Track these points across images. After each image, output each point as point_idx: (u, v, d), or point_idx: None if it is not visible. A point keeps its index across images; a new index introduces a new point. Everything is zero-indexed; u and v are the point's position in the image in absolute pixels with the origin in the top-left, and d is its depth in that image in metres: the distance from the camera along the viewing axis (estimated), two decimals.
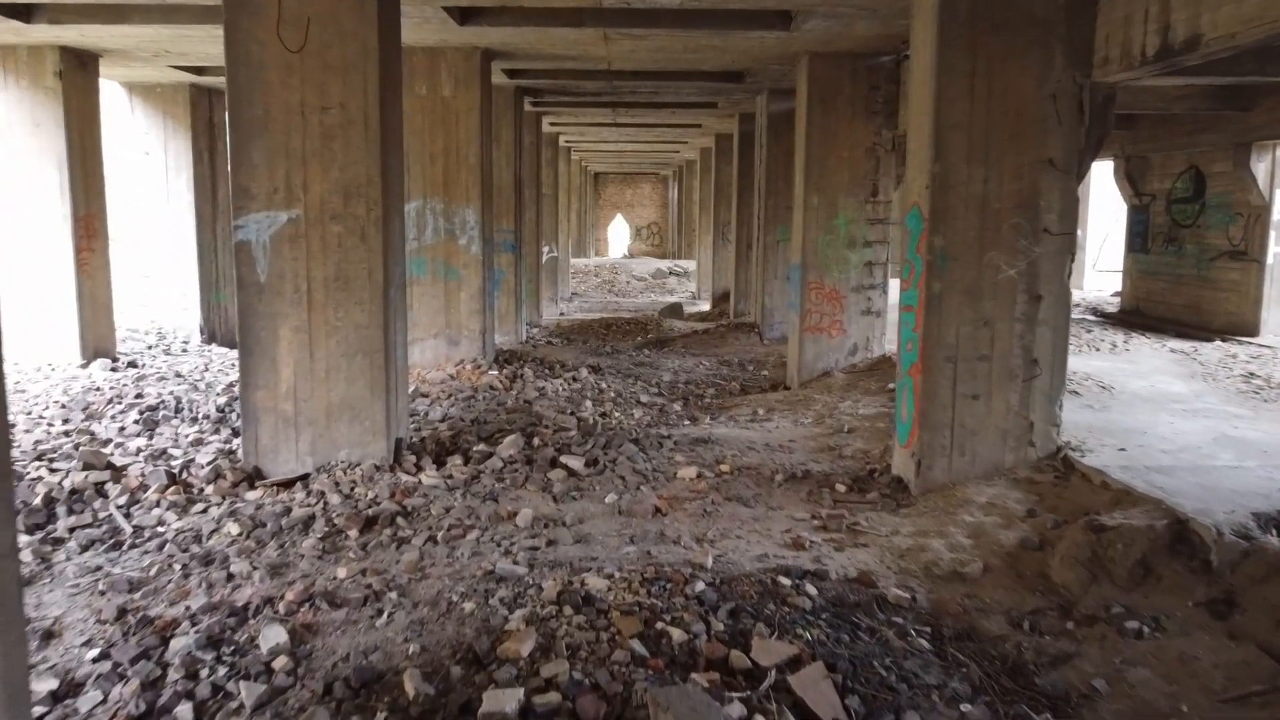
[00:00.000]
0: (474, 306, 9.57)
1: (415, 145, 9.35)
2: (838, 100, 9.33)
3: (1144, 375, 8.67)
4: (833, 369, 9.60)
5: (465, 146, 9.36)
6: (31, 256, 9.49)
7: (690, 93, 12.64)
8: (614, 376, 10.20)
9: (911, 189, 5.88)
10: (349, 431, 5.69)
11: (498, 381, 9.06)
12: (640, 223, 40.82)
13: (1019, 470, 5.71)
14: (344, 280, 5.57)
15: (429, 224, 9.45)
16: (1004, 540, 4.86)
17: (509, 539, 4.80)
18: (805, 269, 9.51)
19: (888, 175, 9.46)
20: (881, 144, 9.38)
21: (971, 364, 5.66)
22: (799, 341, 9.61)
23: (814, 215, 9.44)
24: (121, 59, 10.08)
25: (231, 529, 4.72)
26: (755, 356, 11.67)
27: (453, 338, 9.62)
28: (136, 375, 9.22)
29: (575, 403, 8.51)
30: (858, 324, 9.63)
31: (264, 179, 5.47)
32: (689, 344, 12.60)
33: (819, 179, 9.39)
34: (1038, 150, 5.52)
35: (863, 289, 9.59)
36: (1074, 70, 5.46)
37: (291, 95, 5.43)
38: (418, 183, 9.40)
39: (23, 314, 9.50)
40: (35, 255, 9.49)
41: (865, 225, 9.49)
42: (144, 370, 9.62)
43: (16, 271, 9.48)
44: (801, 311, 9.56)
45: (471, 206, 9.44)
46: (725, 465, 6.17)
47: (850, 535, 5.10)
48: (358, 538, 4.72)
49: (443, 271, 9.51)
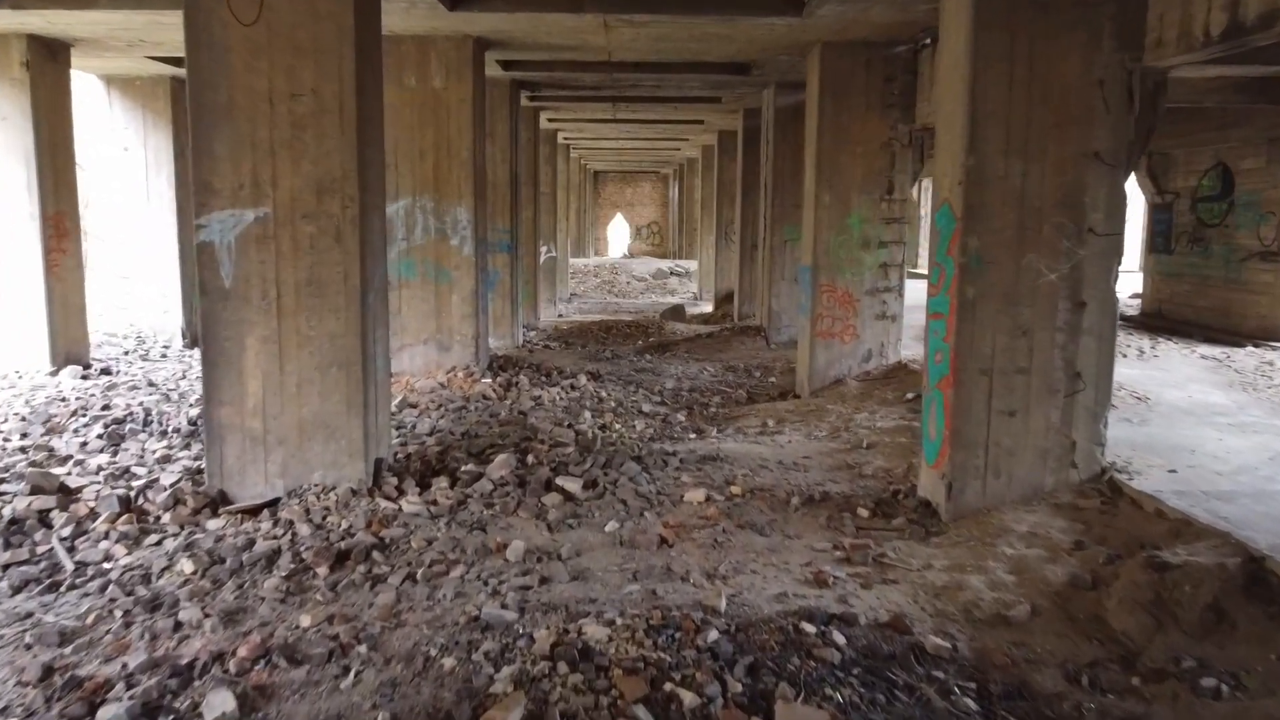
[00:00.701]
0: (466, 310, 9.05)
1: (404, 140, 8.84)
2: (851, 92, 8.81)
3: (1178, 384, 8.15)
4: (845, 376, 9.08)
5: (457, 141, 8.84)
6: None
7: (693, 86, 12.12)
8: (614, 384, 9.68)
9: (941, 185, 5.36)
10: (323, 452, 5.16)
11: (491, 390, 8.54)
12: (640, 222, 40.31)
13: (1060, 494, 5.19)
14: (317, 285, 5.05)
15: (418, 223, 8.93)
16: (1051, 577, 4.34)
17: (498, 576, 4.28)
18: (816, 271, 8.99)
19: (904, 172, 8.94)
20: (897, 138, 8.86)
21: (1008, 377, 5.14)
22: (809, 347, 9.09)
23: (826, 214, 8.92)
24: (94, 49, 9.56)
25: (185, 566, 4.20)
26: (762, 362, 11.15)
27: (444, 343, 9.09)
28: (108, 384, 8.70)
29: (573, 413, 7.99)
30: (872, 329, 9.11)
31: (228, 173, 4.94)
32: (692, 348, 12.09)
33: (831, 176, 8.87)
34: (1082, 142, 5.00)
35: (877, 292, 9.07)
36: (1123, 53, 4.94)
37: (258, 80, 4.91)
38: (407, 180, 8.88)
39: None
40: (1, 257, 8.97)
41: (880, 225, 8.97)
42: (117, 378, 9.10)
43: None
44: (812, 315, 9.04)
45: (464, 205, 8.92)
46: (736, 487, 5.65)
47: (877, 569, 4.59)
48: (327, 576, 4.20)
49: (433, 273, 8.99)
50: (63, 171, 9.33)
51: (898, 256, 9.08)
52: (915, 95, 8.79)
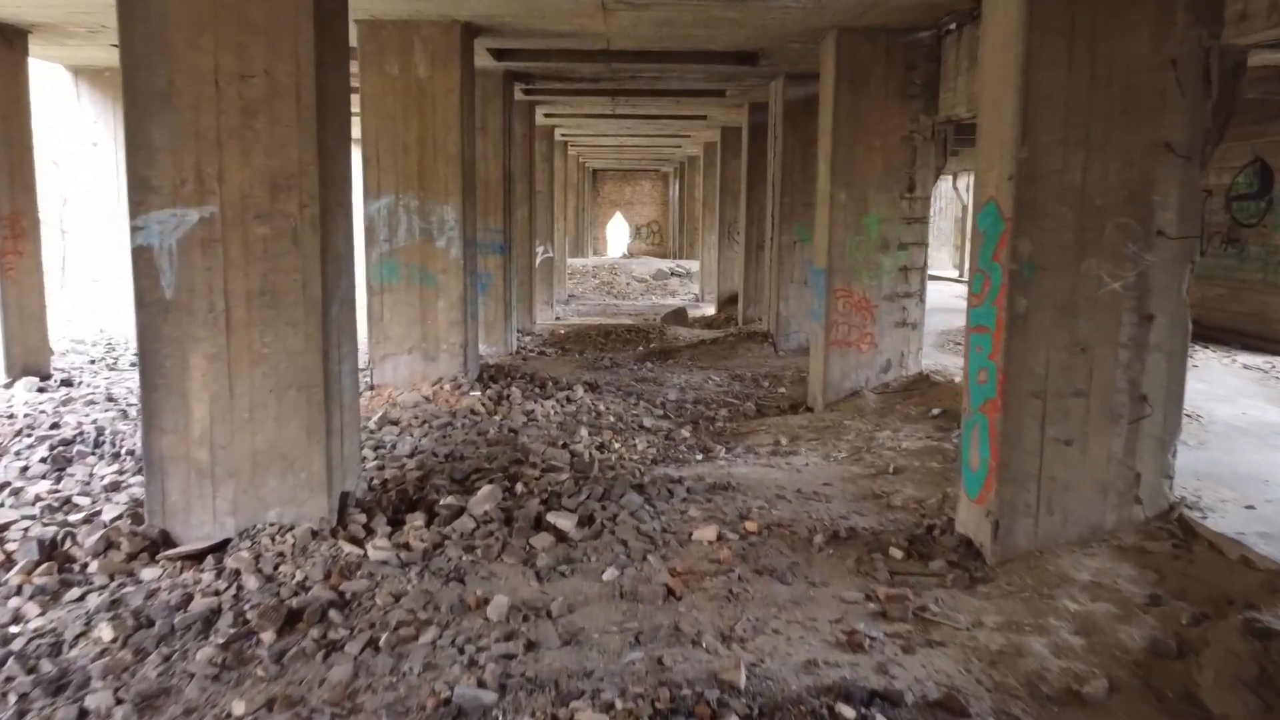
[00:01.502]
0: (454, 317, 8.39)
1: (386, 133, 8.17)
2: (869, 82, 8.15)
3: (1226, 398, 7.50)
4: (862, 388, 8.43)
5: (443, 134, 8.18)
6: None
7: (697, 78, 11.45)
8: (613, 395, 9.03)
9: (986, 180, 4.71)
10: (280, 486, 4.51)
11: (480, 404, 7.88)
12: (640, 221, 39.67)
13: (1123, 535, 4.54)
14: (272, 295, 4.39)
15: (402, 223, 8.27)
16: (1127, 641, 3.69)
17: (476, 641, 3.63)
18: (831, 274, 8.33)
19: (926, 167, 8.28)
20: (919, 131, 8.20)
21: (1064, 400, 4.49)
22: (824, 356, 8.43)
23: (841, 213, 8.26)
24: (54, 35, 8.90)
25: (104, 632, 3.54)
26: (770, 370, 10.49)
27: (429, 353, 8.43)
28: (64, 397, 8.04)
29: (569, 430, 7.34)
30: (891, 337, 8.46)
31: (168, 167, 4.29)
32: (696, 355, 11.43)
33: (847, 172, 8.21)
34: (1152, 130, 4.34)
35: (896, 297, 8.41)
36: (1200, 29, 4.29)
37: (202, 59, 4.25)
38: (389, 176, 8.22)
39: None
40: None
41: (900, 225, 8.31)
42: (76, 391, 8.44)
43: None
44: (826, 322, 8.39)
45: (451, 203, 8.26)
46: (751, 522, 4.99)
47: (919, 627, 3.94)
48: (273, 643, 3.54)
49: (418, 277, 8.33)
50: (20, 168, 8.67)
51: (919, 259, 8.42)
52: (938, 85, 8.14)
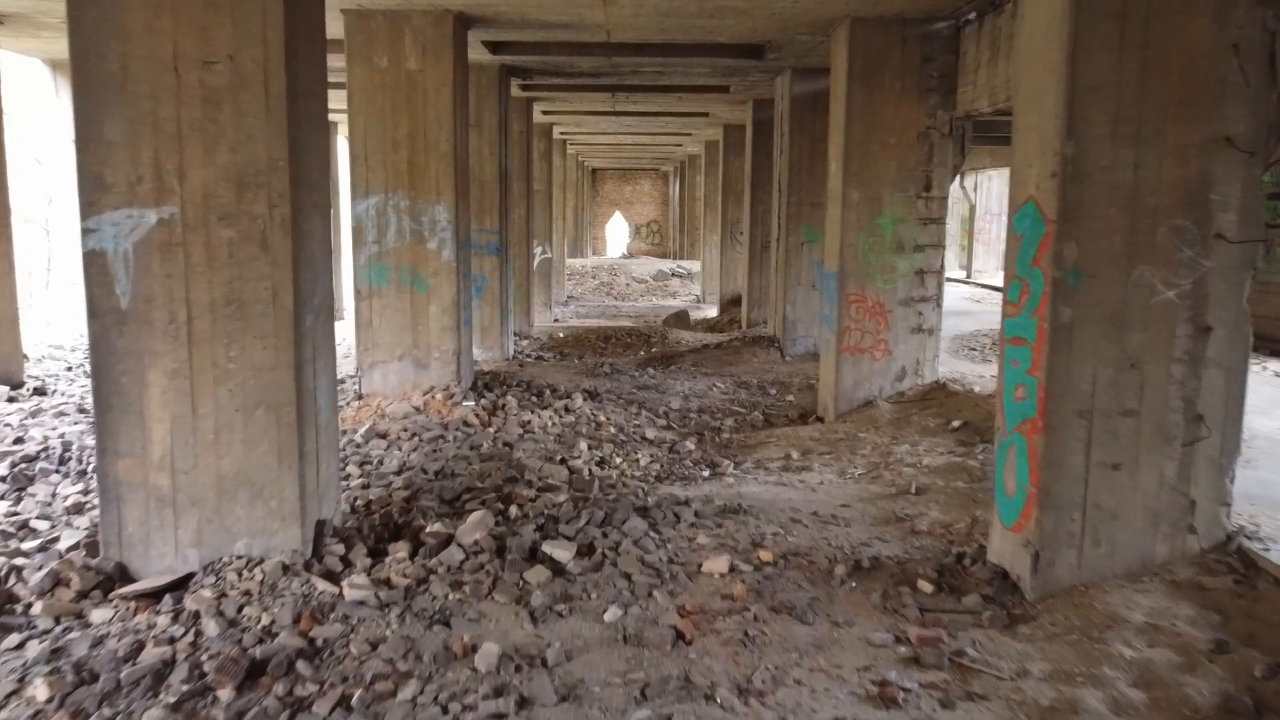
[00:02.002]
0: (446, 322, 7.97)
1: (374, 129, 7.76)
2: (884, 75, 7.74)
3: (1264, 409, 7.09)
4: (876, 397, 8.01)
5: (435, 130, 7.76)
6: None
7: (701, 72, 11.04)
8: (614, 404, 8.61)
9: (1025, 178, 4.29)
10: (248, 515, 4.09)
11: (474, 415, 7.46)
12: (639, 220, 39.27)
13: (1177, 568, 4.13)
14: (239, 305, 3.98)
15: (391, 223, 7.85)
16: (1195, 696, 3.28)
17: (461, 698, 3.22)
18: (843, 278, 7.92)
19: (943, 165, 7.87)
20: (936, 127, 7.79)
21: (1112, 420, 4.08)
22: (835, 364, 8.02)
23: (854, 214, 7.85)
24: (27, 26, 8.48)
25: (40, 691, 3.12)
26: (777, 377, 10.08)
27: (421, 360, 8.02)
28: (34, 408, 7.62)
29: (567, 444, 6.92)
30: (906, 344, 8.05)
31: (123, 163, 3.87)
32: (699, 361, 11.01)
33: (860, 170, 7.80)
34: (1211, 123, 3.93)
35: (912, 302, 8.00)
36: (1265, 9, 3.88)
37: (160, 44, 3.83)
38: (378, 174, 7.80)
39: None
40: None
41: (916, 225, 7.90)
42: (48, 400, 8.02)
43: None
44: (838, 328, 7.97)
45: (443, 202, 7.84)
46: (765, 551, 4.58)
47: (957, 675, 3.53)
48: (231, 702, 3.13)
49: (408, 280, 7.91)
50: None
51: (936, 262, 8.01)
52: (956, 78, 7.73)
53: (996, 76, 6.92)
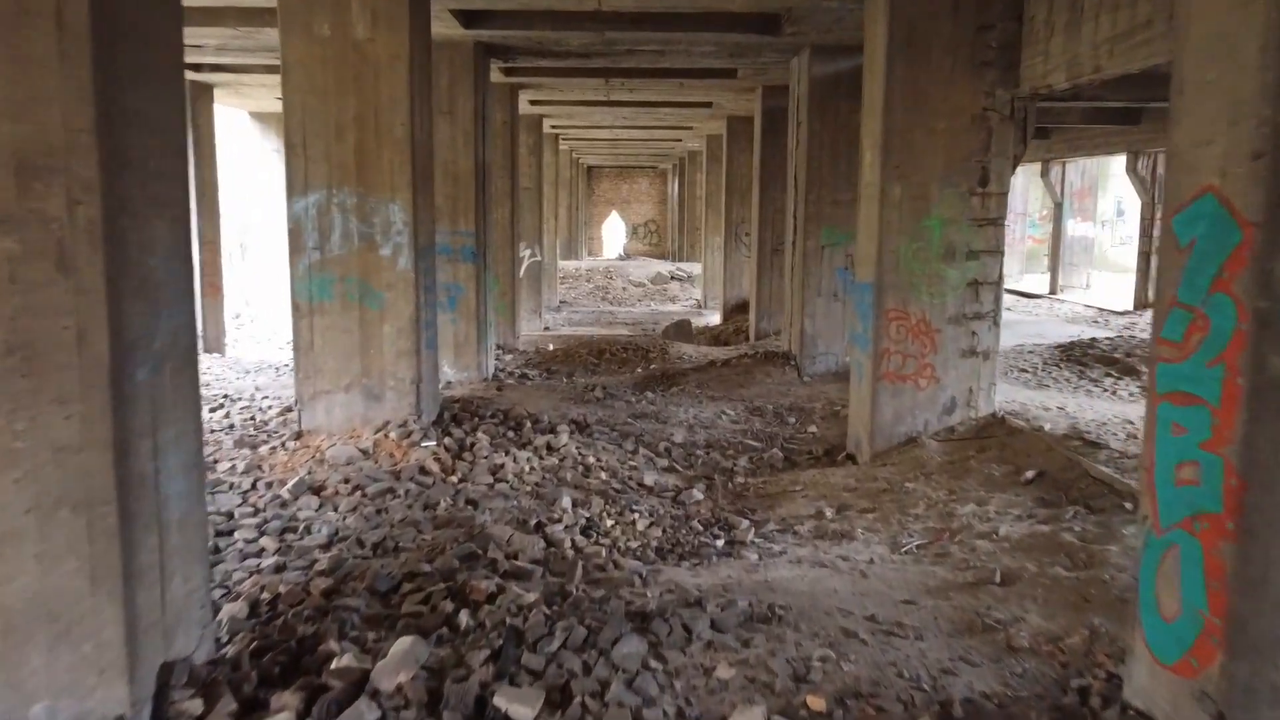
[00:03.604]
0: (403, 345, 6.62)
1: (314, 111, 6.41)
2: (931, 47, 6.39)
3: None
4: (920, 434, 6.67)
5: (388, 113, 6.41)
6: None
7: (706, 51, 9.69)
8: (606, 439, 7.27)
9: (1197, 161, 2.94)
10: (49, 664, 2.74)
11: (434, 459, 6.11)
12: (637, 220, 37.98)
13: None
14: (25, 354, 2.62)
15: (336, 226, 6.50)
16: None
17: None
18: (881, 290, 6.58)
19: (1002, 155, 6.53)
20: (995, 109, 6.45)
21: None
22: (871, 393, 6.68)
23: (894, 213, 6.51)
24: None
25: None
26: (795, 402, 8.73)
27: (372, 390, 6.67)
28: None
29: (546, 499, 5.58)
30: (957, 369, 6.71)
31: None
32: (704, 381, 9.66)
33: (902, 161, 6.46)
34: None
35: (964, 320, 6.66)
36: None
37: None
38: (319, 166, 6.45)
39: None
40: None
41: (969, 228, 6.56)
42: None
43: None
44: (875, 350, 6.63)
45: (398, 200, 6.49)
46: (815, 696, 3.22)
47: None
48: None
49: (356, 294, 6.56)
50: None
51: (993, 271, 6.67)
52: (1020, 49, 6.39)
53: (1079, 43, 5.59)
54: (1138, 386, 8.31)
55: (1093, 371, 8.86)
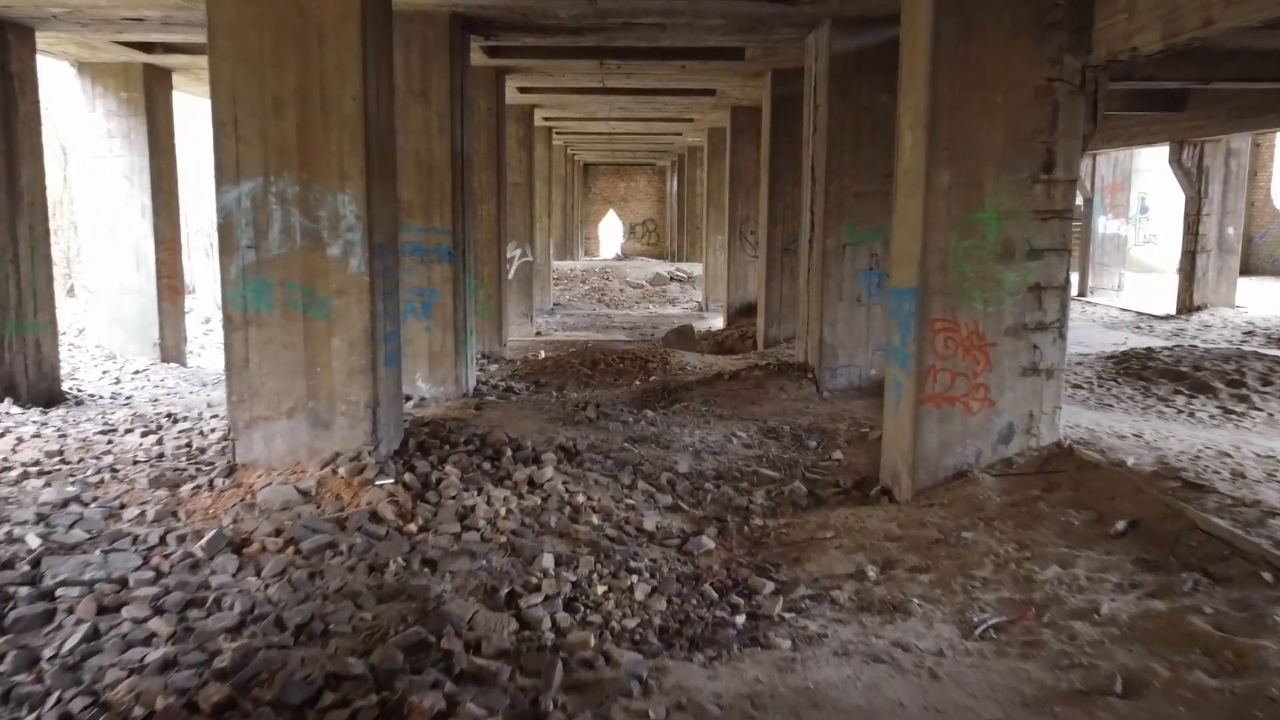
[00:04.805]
0: (356, 362, 5.56)
1: (247, 82, 5.34)
2: (986, 6, 5.34)
3: None
4: (972, 466, 5.61)
5: (336, 84, 5.35)
6: None
7: (711, 27, 8.63)
8: (599, 468, 6.23)
9: None
10: None
11: (390, 502, 5.05)
12: (635, 219, 36.97)
13: None
14: None
15: (275, 220, 5.43)
16: None
17: None
18: (925, 296, 5.52)
19: (1072, 135, 5.47)
20: (1063, 79, 5.40)
21: None
22: (913, 417, 5.62)
23: (942, 204, 5.45)
24: None
25: None
26: (815, 422, 7.67)
27: (320, 416, 5.60)
28: None
29: (524, 558, 4.52)
30: (1015, 390, 5.64)
31: None
32: (711, 397, 8.58)
33: (952, 143, 5.41)
34: None
35: (1024, 331, 5.60)
36: None
37: None
38: (253, 149, 5.38)
39: None
40: None
41: (1031, 222, 5.51)
42: None
43: None
44: (918, 367, 5.57)
45: (349, 189, 5.43)
46: None
47: None
48: None
49: (300, 301, 5.50)
50: None
51: (1058, 273, 5.61)
52: (1093, 6, 5.34)
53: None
54: (1216, 407, 7.25)
55: (1158, 388, 7.80)
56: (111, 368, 10.73)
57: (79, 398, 9.10)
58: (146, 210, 11.13)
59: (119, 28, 8.79)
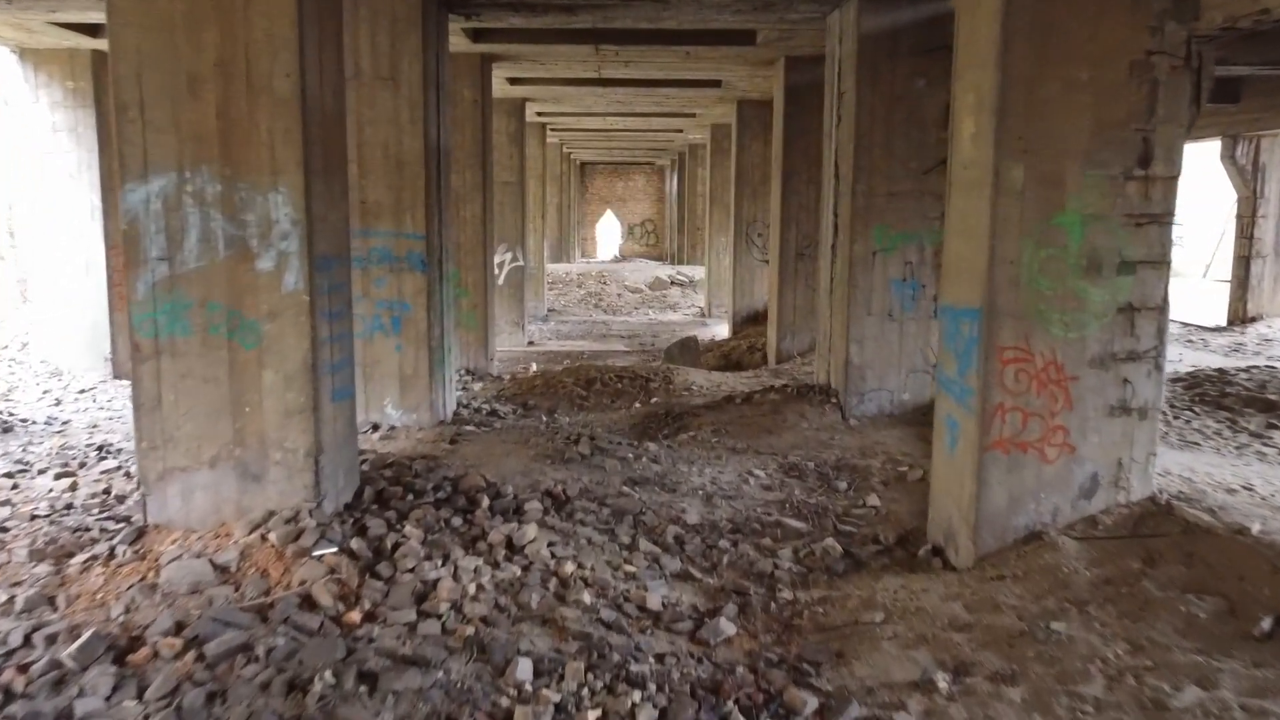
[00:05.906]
0: (293, 399, 4.53)
1: (157, 56, 4.31)
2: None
3: None
4: (1047, 526, 4.59)
5: (267, 58, 4.32)
6: None
7: (720, 5, 7.60)
8: (593, 521, 5.21)
9: None
10: None
11: (327, 582, 4.01)
12: (633, 220, 35.96)
13: None
14: None
15: (192, 226, 4.40)
16: None
17: None
18: (993, 318, 4.50)
19: (1174, 120, 4.45)
20: (1165, 52, 4.38)
21: None
22: (976, 465, 4.59)
23: (1014, 206, 4.43)
24: None
25: None
26: (844, 457, 6.65)
27: (249, 466, 4.57)
28: None
29: (496, 660, 3.49)
30: (1100, 433, 4.62)
31: None
32: (722, 424, 7.54)
33: (1026, 131, 4.39)
34: None
35: (1112, 361, 4.57)
36: None
37: None
38: (164, 138, 4.35)
39: None
40: None
41: (1122, 228, 4.49)
42: None
43: None
44: (983, 406, 4.55)
45: (283, 187, 4.39)
46: None
47: None
48: None
49: (223, 326, 4.47)
50: None
51: (1155, 291, 4.58)
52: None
53: None
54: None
55: (1246, 420, 6.77)
56: (55, 386, 9.70)
57: (9, 424, 8.07)
58: (96, 211, 10.11)
59: (51, 5, 7.75)
